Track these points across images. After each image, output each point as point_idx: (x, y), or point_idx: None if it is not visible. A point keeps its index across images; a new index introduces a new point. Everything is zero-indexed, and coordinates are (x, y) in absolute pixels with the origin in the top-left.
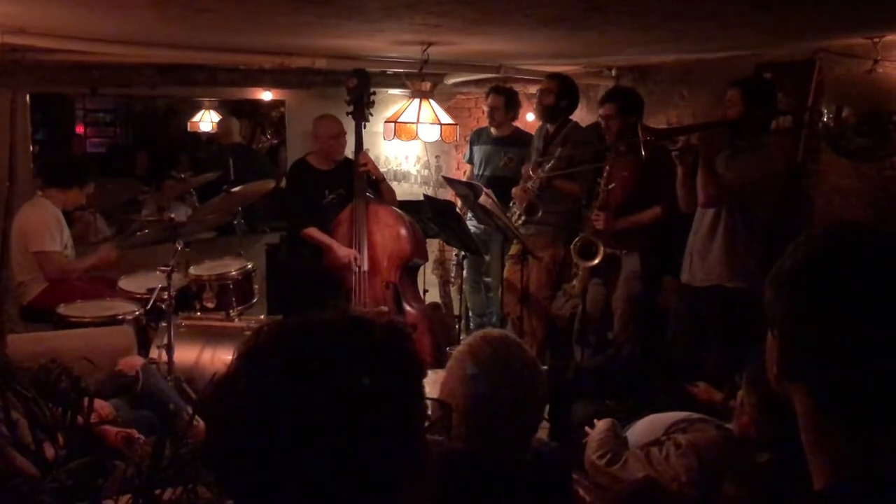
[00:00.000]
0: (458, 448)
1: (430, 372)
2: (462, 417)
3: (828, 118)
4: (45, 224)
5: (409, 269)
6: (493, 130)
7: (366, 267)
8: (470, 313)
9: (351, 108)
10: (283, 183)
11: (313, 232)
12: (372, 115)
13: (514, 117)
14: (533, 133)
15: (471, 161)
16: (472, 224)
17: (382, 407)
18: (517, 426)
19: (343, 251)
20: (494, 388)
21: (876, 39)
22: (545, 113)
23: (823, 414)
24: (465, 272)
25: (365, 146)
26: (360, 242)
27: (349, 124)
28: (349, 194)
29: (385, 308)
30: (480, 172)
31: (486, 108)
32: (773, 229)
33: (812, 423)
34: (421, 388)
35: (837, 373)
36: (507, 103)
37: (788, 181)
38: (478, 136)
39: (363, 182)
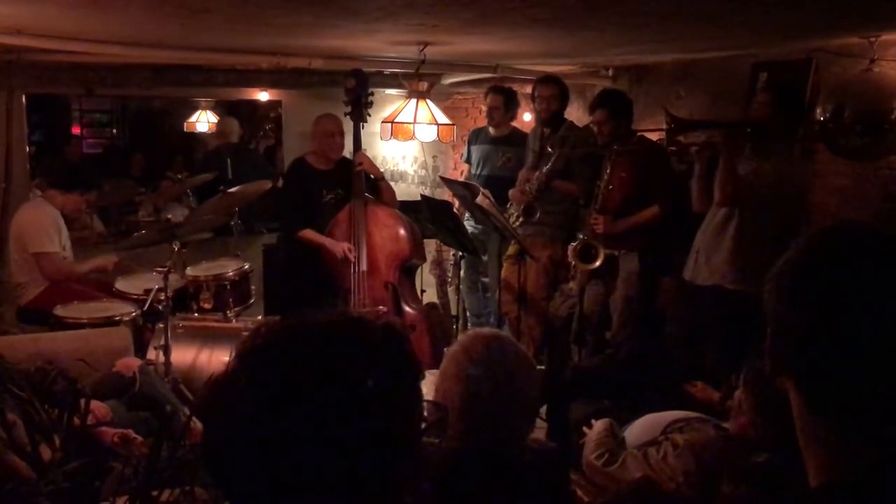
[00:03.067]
0: (454, 448)
1: (427, 372)
2: (458, 415)
3: (825, 118)
4: (43, 225)
5: (407, 270)
6: (491, 130)
7: (364, 267)
8: (468, 313)
9: (349, 109)
10: (280, 183)
11: (308, 234)
12: (370, 115)
13: (513, 117)
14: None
15: (469, 161)
16: (469, 224)
17: (380, 408)
18: (513, 421)
19: (337, 246)
20: (490, 384)
21: (872, 39)
22: (551, 118)
23: (813, 410)
24: (462, 272)
25: (362, 146)
26: (358, 242)
27: (347, 125)
28: (347, 194)
29: (384, 308)
30: (478, 172)
31: (484, 108)
32: (785, 235)
33: (804, 419)
34: (418, 389)
35: (824, 369)
36: (507, 103)
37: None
38: (476, 136)
39: (361, 182)
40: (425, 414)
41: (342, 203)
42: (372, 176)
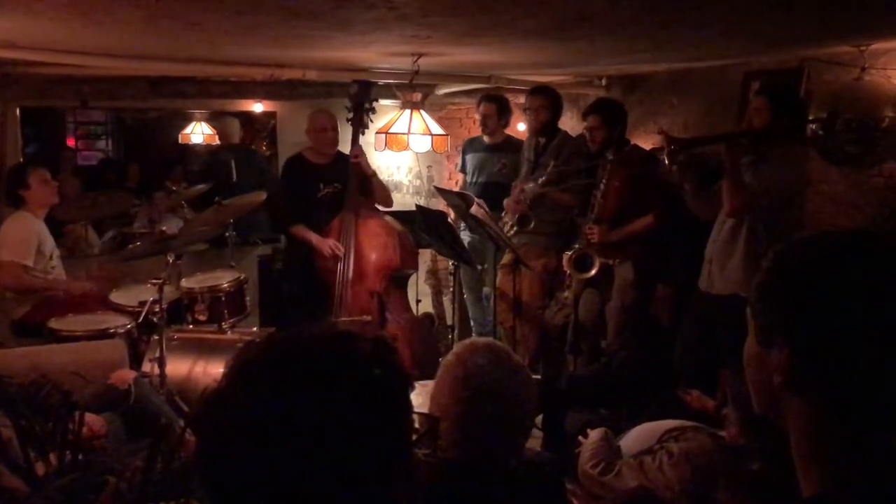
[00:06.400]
0: (449, 458)
1: (419, 384)
2: (453, 425)
3: (817, 126)
4: (19, 236)
5: (395, 279)
6: (485, 138)
7: (351, 275)
8: (472, 322)
9: (350, 115)
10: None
11: (298, 230)
12: (372, 121)
13: (507, 124)
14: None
15: (464, 170)
16: (465, 234)
17: (371, 420)
18: (509, 431)
19: (324, 243)
20: (485, 394)
21: (863, 48)
22: (542, 129)
23: (833, 422)
24: (461, 282)
25: None
26: (347, 251)
27: (347, 131)
28: (345, 188)
29: (368, 317)
30: (474, 180)
31: (478, 117)
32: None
33: (813, 433)
34: (408, 401)
35: (859, 380)
36: (500, 110)
37: None
38: (470, 145)
39: (357, 175)
40: (416, 425)
41: (339, 197)
42: (367, 174)
